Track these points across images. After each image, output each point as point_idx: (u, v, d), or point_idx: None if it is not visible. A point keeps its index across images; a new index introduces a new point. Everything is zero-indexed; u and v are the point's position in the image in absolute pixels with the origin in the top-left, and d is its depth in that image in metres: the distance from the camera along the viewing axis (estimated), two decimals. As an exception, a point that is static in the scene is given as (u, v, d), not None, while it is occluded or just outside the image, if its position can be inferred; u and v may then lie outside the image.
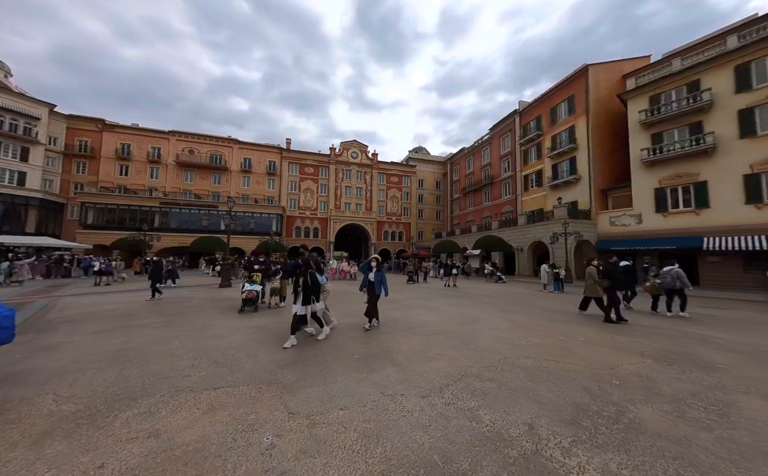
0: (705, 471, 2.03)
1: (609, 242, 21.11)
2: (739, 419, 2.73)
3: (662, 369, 3.98)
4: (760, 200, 15.74)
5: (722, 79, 17.22)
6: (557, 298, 11.79)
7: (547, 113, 28.06)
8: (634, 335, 5.88)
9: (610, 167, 23.60)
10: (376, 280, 5.91)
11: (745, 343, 5.42)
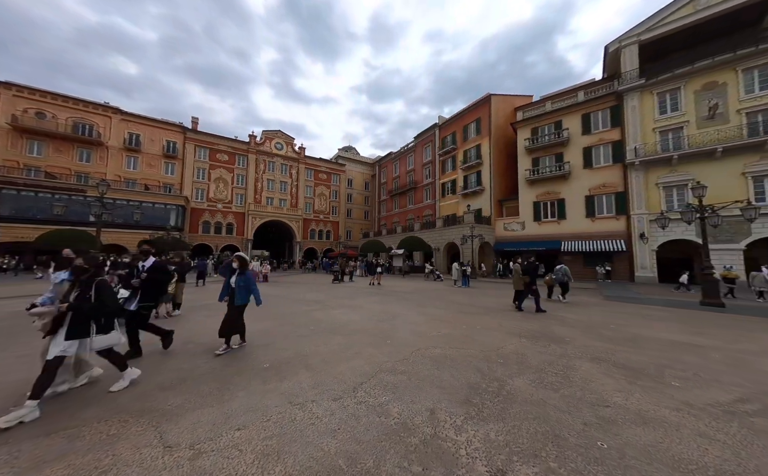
0: (553, 424, 2.59)
1: (503, 244, 25.47)
2: (575, 378, 3.62)
3: (531, 346, 4.98)
4: (593, 215, 21.65)
5: (574, 123, 22.98)
6: (464, 292, 13.52)
7: (461, 130, 31.98)
8: (518, 319, 7.21)
9: (505, 182, 28.53)
10: (238, 286, 4.52)
11: (583, 320, 7.31)
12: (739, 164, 16.77)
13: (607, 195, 21.16)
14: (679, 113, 18.80)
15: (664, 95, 19.43)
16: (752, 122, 16.63)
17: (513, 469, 2.01)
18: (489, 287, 15.90)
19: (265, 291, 12.58)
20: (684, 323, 7.04)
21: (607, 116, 21.64)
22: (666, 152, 18.75)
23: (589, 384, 3.45)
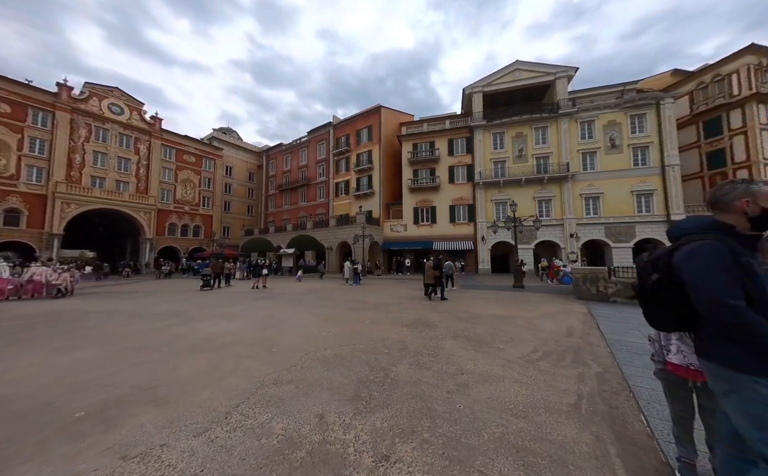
0: (426, 399, 3.00)
1: (390, 243, 28.14)
2: (442, 355, 4.37)
3: (411, 333, 5.68)
4: (454, 221, 27.11)
5: (443, 145, 28.07)
6: (356, 290, 14.05)
7: (354, 134, 33.15)
8: (401, 311, 8.08)
9: (392, 187, 31.62)
10: None
11: (447, 306, 8.99)
12: (532, 191, 25.08)
13: (463, 206, 27.04)
14: (504, 151, 26.26)
15: (496, 135, 26.64)
16: (539, 163, 25.23)
17: (395, 452, 2.19)
18: (379, 284, 17.18)
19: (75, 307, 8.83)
20: (505, 302, 9.84)
21: (464, 144, 27.63)
22: (496, 177, 25.77)
23: (451, 358, 4.23)
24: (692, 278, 1.37)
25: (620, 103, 23.64)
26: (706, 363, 1.42)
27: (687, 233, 1.49)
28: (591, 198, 23.94)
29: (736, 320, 1.23)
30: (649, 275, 1.56)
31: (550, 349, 4.68)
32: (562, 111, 24.50)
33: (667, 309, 1.51)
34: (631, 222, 22.70)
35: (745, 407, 1.25)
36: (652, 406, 2.78)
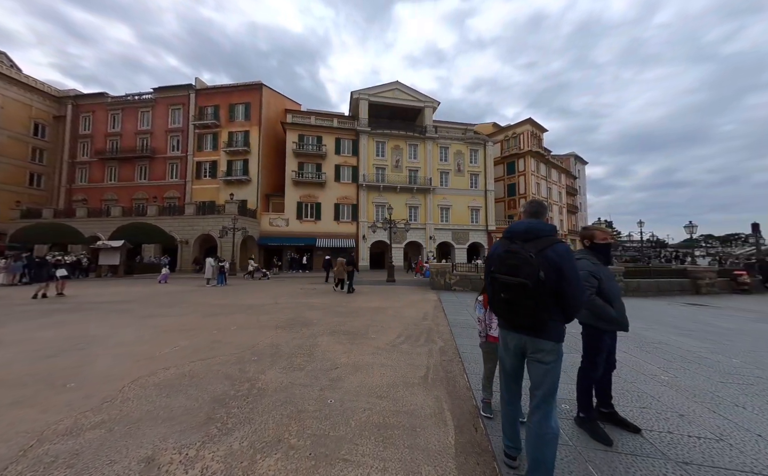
0: (297, 402, 2.87)
1: (268, 238, 25.54)
2: (318, 353, 4.32)
3: (286, 334, 5.33)
4: (339, 219, 27.70)
5: (330, 142, 28.11)
6: (220, 291, 11.87)
7: (226, 107, 28.02)
8: (272, 312, 7.43)
9: (274, 177, 28.80)
10: None
11: (326, 302, 9.03)
12: (405, 198, 29.06)
13: (347, 205, 28.04)
14: (384, 159, 29.13)
15: (379, 143, 29.16)
16: (411, 175, 29.49)
17: (254, 471, 1.96)
18: (254, 283, 15.18)
19: None
20: (379, 295, 10.90)
21: (350, 145, 28.67)
22: (377, 182, 28.25)
23: (326, 354, 4.25)
24: (570, 272, 1.63)
25: (464, 139, 31.09)
26: (546, 341, 1.68)
27: (543, 232, 1.74)
28: (444, 208, 30.22)
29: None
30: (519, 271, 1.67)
31: (410, 333, 5.53)
32: (428, 135, 29.66)
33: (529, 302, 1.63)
34: (467, 229, 30.24)
35: (557, 369, 1.70)
36: (471, 367, 3.76)
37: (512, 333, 1.82)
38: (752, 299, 10.95)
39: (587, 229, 2.65)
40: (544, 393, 1.68)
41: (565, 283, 1.62)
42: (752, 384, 3.38)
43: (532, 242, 1.71)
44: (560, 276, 1.62)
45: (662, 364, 3.97)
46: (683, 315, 7.50)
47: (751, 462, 2.05)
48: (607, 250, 2.50)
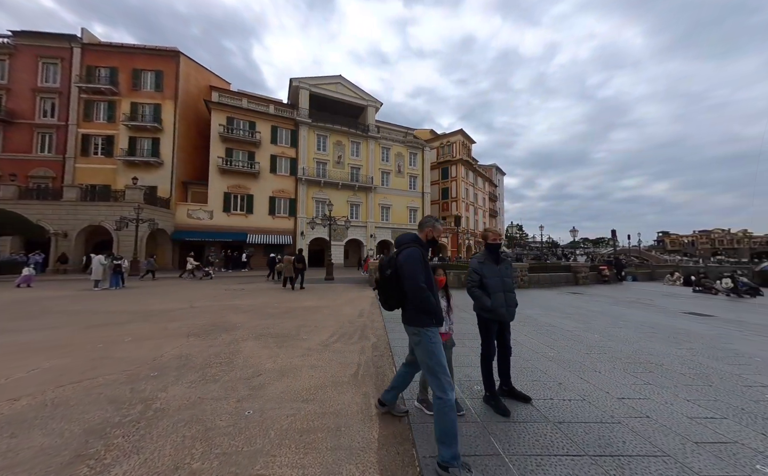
0: (206, 419, 2.52)
1: (186, 232, 22.08)
2: (238, 361, 3.89)
3: (200, 343, 4.66)
4: (274, 214, 25.76)
5: (266, 130, 25.89)
6: (113, 296, 9.72)
7: (129, 71, 23.09)
8: (185, 318, 6.43)
9: (193, 162, 24.99)
10: None
11: (256, 303, 8.27)
12: (347, 195, 28.77)
13: (284, 199, 26.28)
14: (326, 153, 28.28)
15: (320, 137, 28.13)
16: (353, 172, 29.33)
17: (139, 509, 1.63)
18: (164, 286, 12.85)
19: None
20: (316, 293, 10.53)
21: (288, 136, 26.90)
22: (318, 177, 27.25)
23: (249, 361, 3.87)
24: (406, 270, 2.10)
25: (404, 142, 32.46)
26: (409, 327, 2.19)
27: (405, 242, 2.26)
28: (385, 208, 31.04)
29: (422, 295, 2.06)
30: (386, 270, 2.27)
31: (345, 331, 5.47)
32: (370, 134, 29.96)
33: (393, 294, 2.21)
34: (406, 229, 31.69)
35: (425, 347, 2.07)
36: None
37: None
38: (611, 287, 14.34)
39: (485, 231, 3.03)
40: (423, 370, 2.17)
41: (402, 278, 2.13)
42: (605, 353, 4.39)
43: (398, 248, 2.26)
44: (401, 273, 2.14)
45: (550, 343, 4.84)
46: (566, 302, 9.34)
47: (601, 413, 2.65)
48: (496, 249, 2.89)
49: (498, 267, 2.87)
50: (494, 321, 2.82)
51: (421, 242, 2.25)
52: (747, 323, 6.60)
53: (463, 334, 5.06)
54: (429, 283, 2.11)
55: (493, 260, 2.88)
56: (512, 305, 2.86)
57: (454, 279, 12.36)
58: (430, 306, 2.07)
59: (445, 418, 1.87)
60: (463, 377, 3.39)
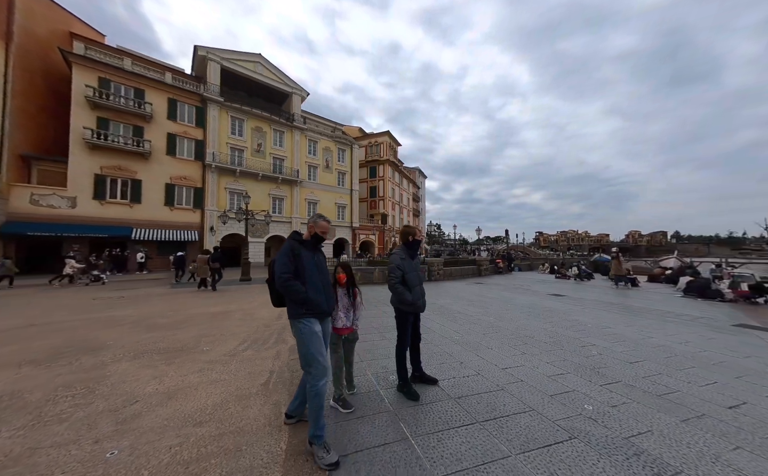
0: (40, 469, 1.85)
1: (27, 224, 16.24)
2: (103, 389, 3.04)
3: (39, 373, 3.45)
4: (173, 204, 21.49)
5: (160, 102, 21.26)
6: None
7: None
8: (21, 340, 4.70)
9: (39, 130, 18.52)
10: None
11: (135, 314, 6.69)
12: (268, 188, 26.32)
13: (188, 188, 22.16)
14: (243, 139, 25.16)
15: (236, 120, 24.82)
16: (275, 163, 27.00)
17: None
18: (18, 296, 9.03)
19: None
20: (226, 296, 9.25)
21: (193, 113, 22.74)
22: (233, 165, 24.03)
23: (121, 387, 3.06)
24: (276, 265, 2.21)
25: (333, 136, 31.76)
26: (289, 319, 2.23)
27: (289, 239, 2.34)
28: (312, 203, 29.73)
29: (285, 285, 2.14)
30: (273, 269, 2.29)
31: (259, 336, 4.95)
32: (296, 123, 28.13)
33: (273, 289, 2.30)
34: (333, 225, 31.13)
35: (298, 337, 2.17)
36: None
37: None
38: (504, 277, 17.37)
39: (407, 228, 3.21)
40: (300, 358, 2.23)
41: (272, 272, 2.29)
42: (497, 332, 5.25)
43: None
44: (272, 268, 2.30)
45: (457, 328, 5.49)
46: (472, 291, 10.85)
47: (491, 384, 3.13)
48: (414, 245, 3.10)
49: (414, 262, 3.05)
50: (411, 313, 2.99)
51: (298, 237, 2.31)
52: (585, 299, 8.97)
53: (384, 327, 5.25)
54: (298, 274, 2.17)
55: (411, 256, 3.04)
56: (424, 296, 3.10)
57: (380, 275, 12.80)
58: (298, 296, 2.14)
59: (313, 402, 2.06)
60: (380, 369, 3.49)
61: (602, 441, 2.16)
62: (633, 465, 1.92)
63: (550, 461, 1.96)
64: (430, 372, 3.29)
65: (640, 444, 2.14)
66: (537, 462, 1.94)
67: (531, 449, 2.07)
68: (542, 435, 2.23)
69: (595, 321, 6.05)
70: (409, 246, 3.07)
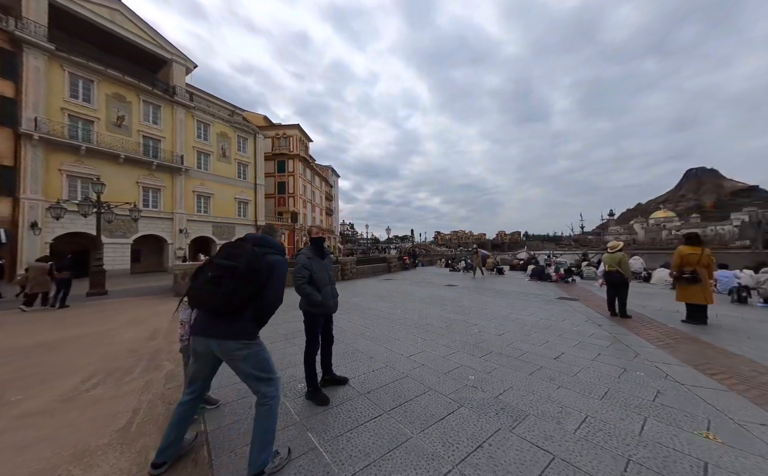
0: None
1: None
2: None
3: None
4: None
5: None
6: None
7: None
8: None
9: None
10: None
11: None
12: (137, 174, 20.58)
13: (-17, 164, 14.92)
14: (93, 107, 18.82)
15: (78, 79, 18.29)
16: (147, 144, 21.35)
17: None
18: None
19: None
20: (65, 320, 6.70)
21: (-6, 55, 15.44)
22: (75, 139, 17.65)
23: None
24: (280, 277, 1.93)
25: (231, 121, 27.64)
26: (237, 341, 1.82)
27: (269, 244, 2.02)
28: (204, 197, 25.04)
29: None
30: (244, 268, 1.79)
31: (119, 365, 3.79)
32: (178, 98, 23.04)
33: (239, 295, 1.76)
34: (233, 223, 27.17)
35: (256, 358, 1.87)
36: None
37: None
38: (410, 272, 19.16)
39: (310, 227, 3.09)
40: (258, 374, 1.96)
41: (275, 282, 1.98)
42: (403, 323, 5.71)
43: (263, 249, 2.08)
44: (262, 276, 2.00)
45: (368, 324, 5.68)
46: (382, 287, 11.48)
47: (397, 373, 3.35)
48: (319, 243, 3.01)
49: (324, 261, 2.94)
50: (322, 315, 2.87)
51: (278, 247, 2.12)
52: (468, 287, 10.86)
53: (292, 333, 4.90)
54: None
55: (318, 255, 2.92)
56: (336, 296, 3.03)
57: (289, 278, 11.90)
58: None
59: (273, 422, 1.88)
60: (287, 379, 3.23)
61: (480, 404, 2.64)
62: (501, 418, 2.42)
63: (443, 431, 2.24)
64: (342, 372, 3.27)
65: (504, 399, 2.73)
66: (433, 436, 2.19)
67: (429, 425, 2.33)
68: (438, 410, 2.54)
69: (476, 305, 7.40)
70: (313, 243, 2.96)
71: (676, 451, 2.00)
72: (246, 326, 1.84)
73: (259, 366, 1.87)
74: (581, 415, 2.44)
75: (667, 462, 1.89)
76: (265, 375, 1.88)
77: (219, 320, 1.81)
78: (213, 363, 1.94)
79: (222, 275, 1.75)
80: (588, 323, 5.45)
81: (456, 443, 2.11)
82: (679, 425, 2.30)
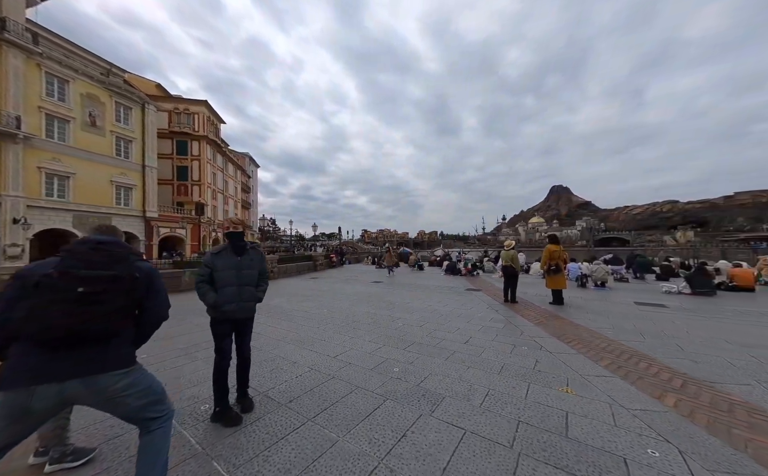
0: None
1: None
2: None
3: None
4: None
5: None
6: None
7: None
8: None
9: None
10: None
11: None
12: None
13: None
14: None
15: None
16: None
17: None
18: None
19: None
20: None
21: None
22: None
23: None
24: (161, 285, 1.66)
25: (106, 82, 21.47)
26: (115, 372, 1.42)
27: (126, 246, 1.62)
28: (57, 176, 18.69)
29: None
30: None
31: None
32: (11, 36, 16.49)
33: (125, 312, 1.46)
34: (108, 214, 21.23)
35: (141, 385, 1.50)
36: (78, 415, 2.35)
37: None
38: (337, 270, 18.88)
39: (225, 220, 2.68)
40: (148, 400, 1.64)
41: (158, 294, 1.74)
42: (330, 323, 5.55)
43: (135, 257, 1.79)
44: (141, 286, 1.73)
45: (291, 326, 5.28)
46: (307, 286, 10.92)
47: (323, 376, 3.21)
48: (235, 238, 2.56)
49: (239, 259, 2.52)
50: (225, 322, 2.46)
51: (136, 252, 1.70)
52: (394, 283, 11.42)
53: (194, 345, 4.12)
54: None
55: (233, 251, 2.50)
56: (248, 300, 2.58)
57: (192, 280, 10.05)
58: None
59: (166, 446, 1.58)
60: (185, 403, 2.68)
61: (404, 394, 2.77)
62: (422, 404, 2.59)
63: (369, 428, 2.25)
64: (261, 381, 2.92)
65: (425, 385, 2.94)
66: (360, 435, 2.17)
67: (356, 425, 2.30)
68: (364, 408, 2.54)
69: (400, 299, 7.83)
70: (228, 237, 2.55)
71: (548, 407, 2.53)
72: (126, 350, 1.51)
73: (146, 391, 1.51)
74: (485, 390, 2.84)
75: (544, 418, 2.37)
76: (154, 397, 1.55)
77: (83, 352, 1.36)
78: (48, 417, 1.40)
79: (104, 289, 1.36)
80: (489, 310, 6.45)
81: (382, 438, 2.14)
82: (549, 385, 2.92)
